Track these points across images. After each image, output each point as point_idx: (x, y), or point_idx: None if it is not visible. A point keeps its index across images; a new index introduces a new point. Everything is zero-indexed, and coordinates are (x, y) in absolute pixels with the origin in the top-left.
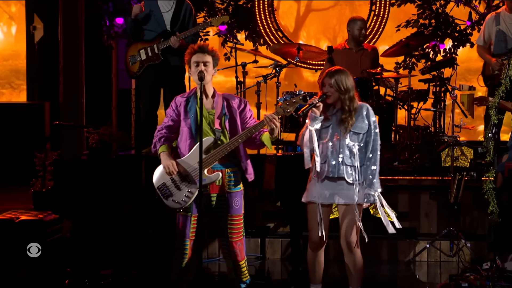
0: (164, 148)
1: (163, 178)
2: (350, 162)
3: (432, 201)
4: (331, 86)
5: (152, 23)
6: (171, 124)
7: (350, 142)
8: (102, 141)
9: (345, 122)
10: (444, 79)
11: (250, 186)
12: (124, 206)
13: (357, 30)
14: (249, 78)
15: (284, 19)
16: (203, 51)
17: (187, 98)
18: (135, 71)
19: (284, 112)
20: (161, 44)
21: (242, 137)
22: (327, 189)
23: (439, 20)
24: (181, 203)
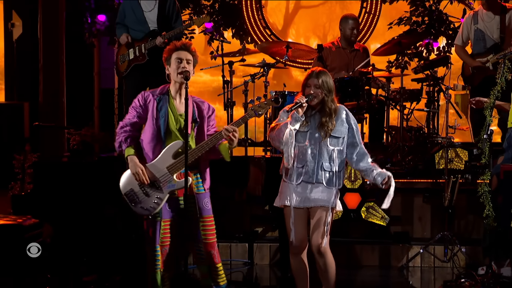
0: (132, 151)
1: (130, 184)
2: (329, 167)
3: (426, 205)
4: (318, 87)
5: (136, 23)
6: (136, 121)
7: (329, 147)
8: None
9: (325, 126)
10: (438, 78)
11: (237, 190)
12: (107, 210)
13: (348, 29)
14: (236, 77)
15: (273, 16)
16: (187, 49)
17: (159, 97)
18: (122, 71)
19: (256, 114)
20: (148, 44)
21: (209, 144)
22: (302, 193)
23: (432, 18)
24: (150, 210)
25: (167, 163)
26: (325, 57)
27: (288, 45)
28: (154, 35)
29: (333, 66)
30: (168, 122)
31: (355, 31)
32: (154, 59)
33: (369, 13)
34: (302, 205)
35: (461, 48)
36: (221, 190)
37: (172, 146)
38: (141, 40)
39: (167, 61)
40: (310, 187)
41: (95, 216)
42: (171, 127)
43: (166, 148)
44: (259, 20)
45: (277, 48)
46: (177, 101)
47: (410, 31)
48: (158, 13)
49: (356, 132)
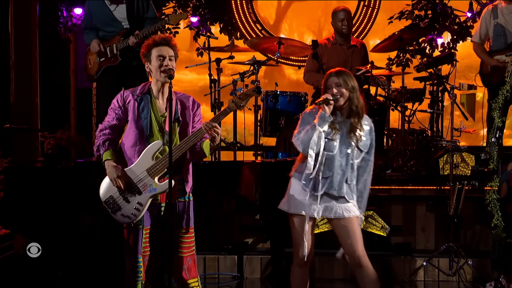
0: (109, 155)
1: (110, 191)
2: (351, 180)
3: (429, 214)
4: (339, 85)
5: (104, 23)
6: (115, 124)
7: (355, 160)
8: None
9: (355, 130)
10: (442, 77)
11: (226, 197)
12: (84, 220)
13: (338, 21)
14: (224, 76)
15: (264, 10)
16: (168, 44)
17: (140, 97)
18: (92, 74)
19: (237, 107)
20: (120, 44)
21: (189, 142)
22: (322, 203)
23: (436, 11)
24: (130, 217)
25: (146, 165)
26: (320, 54)
27: (280, 41)
28: (126, 35)
29: (329, 64)
30: (151, 124)
31: (345, 22)
32: (127, 60)
33: (367, 6)
34: (320, 215)
35: (479, 46)
36: (208, 197)
37: (151, 147)
38: (112, 40)
39: (147, 57)
40: (330, 199)
41: (71, 226)
42: (154, 128)
43: (145, 150)
44: (249, 14)
45: (269, 44)
46: (159, 101)
47: (412, 25)
48: (127, 8)
49: (371, 151)
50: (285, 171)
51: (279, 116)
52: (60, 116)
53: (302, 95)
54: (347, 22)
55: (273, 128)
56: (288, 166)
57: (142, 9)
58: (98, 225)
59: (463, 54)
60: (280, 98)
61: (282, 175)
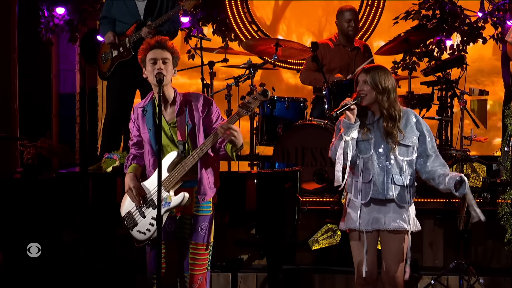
0: (132, 169)
1: (128, 206)
2: (400, 180)
3: (438, 228)
4: (366, 83)
5: (124, 14)
6: (136, 141)
7: (399, 157)
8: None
9: (391, 134)
10: (451, 81)
11: (218, 210)
12: (67, 235)
13: (345, 22)
14: (218, 80)
15: (260, 10)
16: (162, 47)
17: (144, 107)
18: (105, 71)
19: (247, 112)
20: (132, 37)
21: (203, 148)
22: (372, 213)
23: (444, 11)
24: (145, 233)
25: (161, 178)
26: (321, 56)
27: (277, 42)
28: (140, 26)
29: (331, 66)
30: (156, 134)
31: (352, 23)
32: None
33: (371, 5)
34: (371, 227)
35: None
36: None
37: (166, 159)
38: (125, 33)
39: (143, 63)
40: (380, 206)
41: (53, 242)
42: (165, 139)
43: (163, 162)
44: (244, 14)
45: (265, 46)
46: (164, 107)
47: (419, 26)
48: (148, 1)
49: (430, 140)
50: (283, 182)
51: (276, 124)
52: (41, 123)
53: (301, 100)
54: (354, 23)
55: (270, 137)
56: (286, 177)
57: (166, 7)
58: (82, 241)
59: (474, 57)
60: (278, 104)
61: (280, 187)
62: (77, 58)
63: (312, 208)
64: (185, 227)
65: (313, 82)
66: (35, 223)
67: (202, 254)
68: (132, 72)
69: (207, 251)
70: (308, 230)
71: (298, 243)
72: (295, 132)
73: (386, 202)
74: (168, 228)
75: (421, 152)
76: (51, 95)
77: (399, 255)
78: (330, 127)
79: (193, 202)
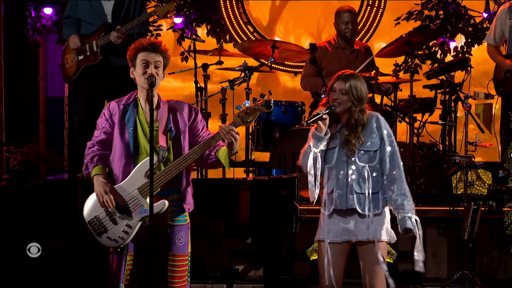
0: (99, 170)
1: (95, 210)
2: (359, 189)
3: (441, 238)
4: (344, 93)
5: (90, 14)
6: (104, 138)
7: (359, 164)
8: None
9: (348, 143)
10: (455, 85)
11: (213, 219)
12: (55, 245)
13: (342, 24)
14: (212, 84)
15: (256, 10)
16: (155, 50)
17: (125, 106)
18: (70, 74)
19: (243, 123)
20: (100, 41)
21: (193, 154)
22: (338, 224)
23: (448, 12)
24: (117, 241)
25: (138, 183)
26: (319, 59)
27: (274, 44)
28: (108, 30)
29: (329, 70)
30: (137, 137)
31: (349, 25)
32: (108, 58)
33: (372, 5)
34: (340, 238)
35: (494, 48)
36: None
37: (144, 163)
38: (92, 36)
39: (132, 61)
40: (345, 217)
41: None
42: (141, 141)
43: (137, 166)
44: (239, 15)
45: (261, 48)
46: (146, 110)
47: (421, 27)
48: (115, 3)
49: (387, 144)
50: (280, 189)
51: (273, 129)
52: (27, 128)
53: (299, 104)
54: (352, 25)
55: (266, 142)
56: (283, 184)
57: (133, 9)
58: (71, 251)
59: (479, 59)
60: (274, 108)
61: (277, 194)
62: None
63: (310, 216)
64: (160, 239)
65: (315, 88)
66: (21, 232)
67: (181, 265)
68: (99, 77)
69: (186, 262)
70: (306, 240)
71: (296, 253)
72: (293, 137)
73: (350, 213)
74: (137, 238)
75: (379, 159)
76: (38, 98)
77: (374, 266)
78: None
79: (168, 212)
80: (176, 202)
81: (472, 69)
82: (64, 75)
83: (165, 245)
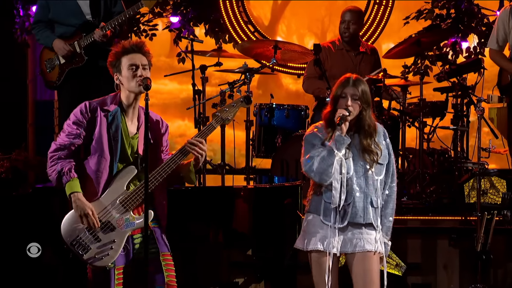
0: (77, 187)
1: (76, 230)
2: (376, 202)
3: (453, 249)
4: (357, 99)
5: (66, 15)
6: (74, 144)
7: (374, 176)
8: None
9: (370, 151)
10: (468, 87)
11: (212, 229)
12: (44, 258)
13: (340, 23)
14: (211, 86)
15: (257, 9)
16: (140, 51)
17: (111, 112)
18: (54, 80)
19: (223, 121)
20: (83, 41)
21: (172, 164)
22: (342, 235)
23: (460, 10)
24: (104, 259)
25: (119, 196)
26: (322, 59)
27: (276, 45)
28: (89, 28)
29: (332, 72)
30: (123, 147)
31: (346, 24)
32: (92, 59)
33: (379, 4)
34: (342, 250)
35: (497, 53)
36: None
37: (123, 173)
38: (72, 37)
39: (116, 67)
40: (353, 229)
41: (30, 265)
42: (125, 152)
43: (117, 177)
44: (239, 13)
45: (263, 48)
46: (128, 117)
47: (431, 27)
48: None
49: (392, 157)
50: (282, 198)
51: (275, 134)
52: (15, 133)
53: (302, 108)
54: (349, 25)
55: (268, 148)
56: (285, 192)
57: (109, 2)
58: (62, 265)
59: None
60: (276, 112)
61: (279, 203)
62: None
63: None
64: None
65: (317, 91)
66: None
67: (171, 264)
68: (85, 79)
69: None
70: None
71: (299, 265)
72: (296, 143)
73: (363, 226)
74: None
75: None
76: (26, 102)
77: (372, 278)
78: None
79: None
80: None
81: (485, 71)
82: (46, 82)
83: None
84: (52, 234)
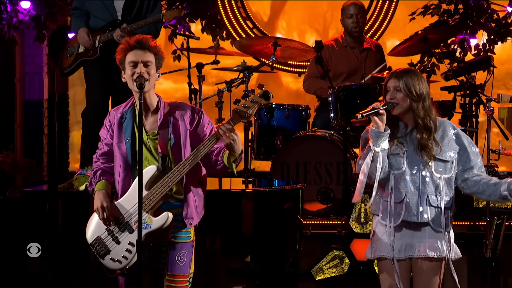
0: (101, 186)
1: (97, 230)
2: (436, 201)
3: (461, 256)
4: (398, 90)
5: (100, 9)
6: (106, 150)
7: (435, 174)
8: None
9: (426, 147)
10: (477, 86)
11: (209, 234)
12: (33, 264)
13: (347, 18)
14: (208, 85)
15: (256, 4)
16: (143, 47)
17: (122, 115)
18: (66, 66)
19: (242, 117)
20: (104, 36)
21: (191, 160)
22: (404, 238)
23: (469, 5)
24: (121, 261)
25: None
26: (326, 59)
27: (276, 42)
28: (115, 26)
29: (338, 71)
30: (134, 145)
31: (355, 18)
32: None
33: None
34: (403, 255)
35: None
36: None
37: (144, 174)
38: (99, 31)
39: (122, 64)
40: (413, 231)
41: (17, 273)
42: (143, 152)
43: (137, 179)
44: (237, 9)
45: (262, 46)
46: (146, 116)
47: (439, 23)
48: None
49: (473, 154)
50: (282, 202)
51: (274, 135)
52: (3, 134)
53: (303, 108)
54: (357, 18)
55: (267, 150)
56: (286, 196)
57: (146, 8)
58: (50, 272)
59: (503, 58)
60: (276, 112)
61: (279, 207)
62: (44, 59)
63: (316, 232)
64: (161, 256)
65: (319, 91)
66: None
67: (180, 286)
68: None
69: (185, 284)
70: (311, 257)
71: (300, 272)
72: (296, 145)
73: (420, 226)
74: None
75: (463, 170)
76: (14, 102)
77: (433, 286)
78: (337, 138)
79: (171, 226)
80: (179, 216)
81: (495, 69)
82: (60, 67)
83: (165, 264)
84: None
